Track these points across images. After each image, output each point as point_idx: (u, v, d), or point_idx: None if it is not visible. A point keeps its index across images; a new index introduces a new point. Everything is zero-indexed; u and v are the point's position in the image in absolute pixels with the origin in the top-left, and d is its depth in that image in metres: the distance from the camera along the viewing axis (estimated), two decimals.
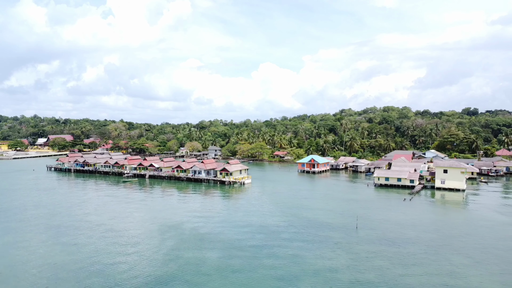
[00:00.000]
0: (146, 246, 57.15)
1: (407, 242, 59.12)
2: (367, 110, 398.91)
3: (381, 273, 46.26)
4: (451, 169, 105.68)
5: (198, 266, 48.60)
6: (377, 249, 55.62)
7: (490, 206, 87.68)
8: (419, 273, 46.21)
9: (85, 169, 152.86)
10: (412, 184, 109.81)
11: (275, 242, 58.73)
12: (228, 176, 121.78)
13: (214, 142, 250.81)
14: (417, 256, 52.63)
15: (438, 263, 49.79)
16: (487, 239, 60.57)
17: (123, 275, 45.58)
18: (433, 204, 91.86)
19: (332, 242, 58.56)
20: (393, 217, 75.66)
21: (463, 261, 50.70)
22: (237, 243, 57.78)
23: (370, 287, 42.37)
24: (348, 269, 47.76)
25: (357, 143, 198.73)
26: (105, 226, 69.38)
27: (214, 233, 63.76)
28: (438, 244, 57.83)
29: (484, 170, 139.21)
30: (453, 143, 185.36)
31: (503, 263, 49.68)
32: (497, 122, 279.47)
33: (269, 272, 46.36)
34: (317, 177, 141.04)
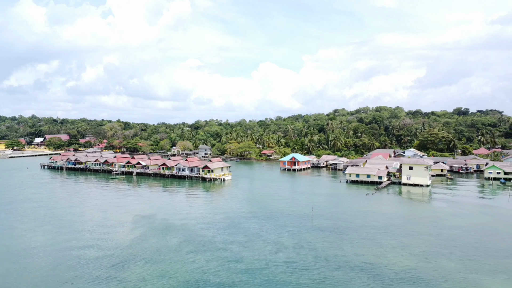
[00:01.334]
0: (117, 232, 64.17)
1: (352, 229, 66.09)
2: (360, 110, 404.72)
3: (316, 254, 53.17)
4: (416, 166, 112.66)
5: (158, 248, 55.58)
6: (322, 235, 62.59)
7: (443, 199, 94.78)
8: (350, 254, 53.08)
9: (77, 167, 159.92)
10: (380, 180, 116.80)
11: (233, 230, 65.71)
12: (209, 173, 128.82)
13: (205, 142, 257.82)
14: (355, 240, 59.55)
15: (371, 246, 56.67)
16: (424, 227, 67.51)
17: (91, 255, 52.51)
18: (392, 197, 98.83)
19: (285, 230, 65.50)
20: (350, 209, 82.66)
21: (393, 244, 57.56)
22: (199, 231, 64.74)
23: (302, 264, 49.22)
24: (288, 250, 54.69)
25: (341, 142, 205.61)
26: (86, 216, 76.48)
27: (181, 223, 70.70)
28: (379, 231, 64.77)
29: (455, 167, 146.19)
30: (433, 142, 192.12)
31: (427, 246, 56.56)
32: (482, 122, 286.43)
33: (219, 254, 53.25)
34: (297, 175, 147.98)
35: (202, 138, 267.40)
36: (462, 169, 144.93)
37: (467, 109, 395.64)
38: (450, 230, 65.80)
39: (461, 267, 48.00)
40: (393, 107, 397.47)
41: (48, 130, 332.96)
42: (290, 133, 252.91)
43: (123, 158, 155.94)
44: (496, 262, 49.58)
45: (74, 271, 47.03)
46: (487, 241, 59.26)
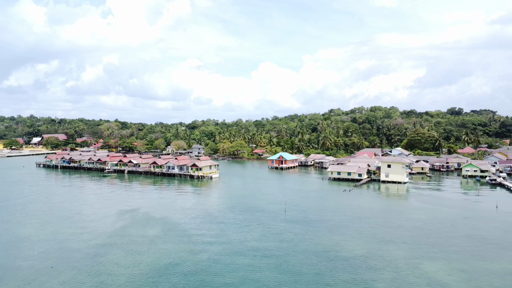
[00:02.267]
0: (101, 224, 68.98)
1: (320, 221, 70.83)
2: (355, 110, 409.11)
3: (280, 243, 57.85)
4: (394, 164, 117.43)
5: (135, 238, 60.36)
6: (290, 226, 67.36)
7: (415, 195, 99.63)
8: (309, 244, 57.73)
9: (71, 165, 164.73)
10: (360, 177, 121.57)
11: (209, 223, 70.47)
12: (197, 171, 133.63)
13: (200, 141, 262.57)
14: (320, 231, 64.27)
15: (332, 236, 61.40)
16: (388, 220, 72.27)
17: (73, 243, 57.28)
18: (367, 193, 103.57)
19: (256, 223, 70.25)
20: (324, 204, 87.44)
21: (353, 235, 62.27)
22: (176, 224, 69.51)
23: (264, 252, 53.90)
24: (255, 239, 59.46)
25: (330, 141, 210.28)
26: (74, 211, 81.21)
27: (162, 216, 75.49)
28: (344, 223, 69.51)
29: (436, 166, 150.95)
30: (420, 141, 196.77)
31: (384, 236, 61.24)
32: (473, 122, 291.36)
33: (190, 243, 57.93)
34: (284, 173, 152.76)
35: (196, 138, 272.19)
36: (443, 167, 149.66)
37: (461, 109, 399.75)
38: (411, 222, 70.55)
39: (408, 254, 52.72)
40: (388, 107, 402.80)
41: (46, 130, 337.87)
42: (283, 132, 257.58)
43: (115, 156, 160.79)
44: (440, 250, 54.32)
45: (55, 257, 51.79)
46: (440, 232, 63.96)
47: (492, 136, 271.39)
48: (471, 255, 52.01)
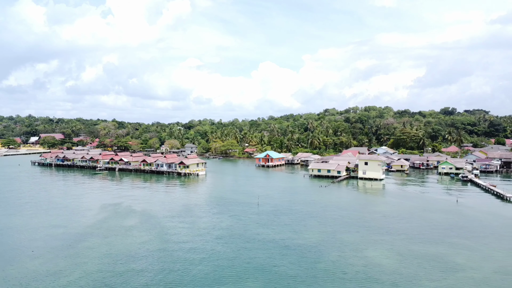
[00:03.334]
0: (84, 216, 74.40)
1: (287, 214, 76.14)
2: (349, 110, 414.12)
3: (244, 231, 63.21)
4: (371, 162, 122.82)
5: (113, 227, 65.75)
6: (258, 218, 72.73)
7: (386, 190, 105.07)
8: (270, 232, 63.00)
9: (64, 163, 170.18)
10: (338, 174, 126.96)
11: (183, 215, 75.80)
12: (185, 169, 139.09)
13: (193, 140, 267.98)
14: (284, 222, 69.50)
15: (293, 226, 66.67)
16: (351, 212, 77.57)
17: (56, 232, 62.69)
18: (342, 189, 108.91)
19: (228, 215, 75.62)
20: (297, 199, 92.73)
21: (314, 225, 67.50)
22: (153, 216, 74.81)
23: (227, 239, 59.23)
24: (221, 229, 64.82)
25: (318, 141, 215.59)
26: (62, 204, 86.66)
27: (142, 210, 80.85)
28: (309, 216, 74.82)
29: (417, 164, 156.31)
30: (405, 140, 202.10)
31: (341, 227, 66.62)
32: (462, 121, 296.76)
33: (162, 232, 63.29)
34: (270, 170, 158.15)
35: (190, 137, 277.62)
36: (423, 165, 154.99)
37: (454, 109, 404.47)
38: (371, 214, 75.96)
39: (357, 241, 58.09)
40: (383, 107, 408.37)
41: (43, 129, 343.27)
42: (274, 132, 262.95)
43: (107, 155, 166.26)
44: (388, 237, 59.74)
45: (38, 243, 57.21)
46: (395, 222, 69.35)
47: (481, 135, 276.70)
48: (413, 242, 57.38)
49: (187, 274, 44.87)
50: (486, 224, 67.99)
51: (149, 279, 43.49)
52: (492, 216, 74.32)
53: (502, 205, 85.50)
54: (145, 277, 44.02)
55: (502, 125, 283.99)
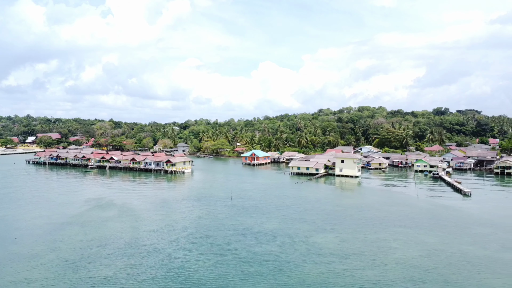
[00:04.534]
0: (68, 208, 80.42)
1: (257, 206, 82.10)
2: (343, 110, 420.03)
3: (212, 221, 69.20)
4: (347, 160, 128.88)
5: (93, 218, 71.80)
6: (228, 210, 78.73)
7: (359, 187, 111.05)
8: (234, 223, 68.97)
9: (58, 162, 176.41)
10: (317, 172, 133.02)
11: (159, 208, 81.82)
12: (171, 167, 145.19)
13: (186, 140, 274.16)
14: (251, 213, 75.48)
15: (258, 217, 72.61)
16: (316, 205, 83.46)
17: (40, 222, 68.77)
18: (316, 185, 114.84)
19: (200, 208, 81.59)
20: (270, 194, 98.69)
21: (277, 216, 73.35)
22: (131, 209, 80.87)
23: (193, 229, 65.26)
24: (191, 220, 70.84)
25: (305, 140, 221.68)
26: (49, 198, 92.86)
27: (122, 203, 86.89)
28: (276, 208, 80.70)
29: (396, 162, 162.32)
30: (389, 139, 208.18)
31: (301, 217, 72.52)
32: (450, 121, 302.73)
33: (134, 223, 69.36)
34: (256, 168, 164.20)
35: (183, 137, 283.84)
36: (401, 164, 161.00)
37: (447, 109, 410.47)
38: (333, 207, 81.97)
39: (309, 229, 64.08)
40: (376, 107, 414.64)
41: (40, 129, 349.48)
42: (265, 131, 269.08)
43: (99, 154, 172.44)
44: (339, 227, 65.76)
45: (21, 231, 63.30)
46: (352, 214, 75.34)
47: (469, 135, 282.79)
48: (359, 230, 63.39)
49: (147, 257, 50.89)
50: (434, 215, 73.96)
51: (111, 261, 49.48)
52: (444, 209, 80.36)
53: (459, 199, 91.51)
54: (109, 259, 49.96)
55: (490, 125, 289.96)
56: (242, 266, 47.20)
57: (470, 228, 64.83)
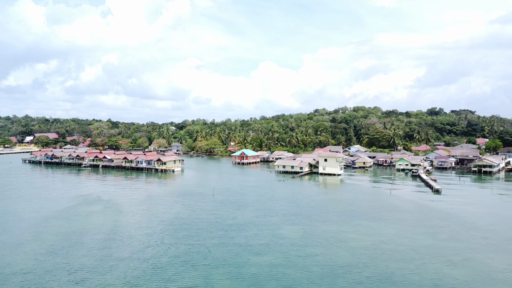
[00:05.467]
0: (56, 203, 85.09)
1: (234, 202, 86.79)
2: (338, 110, 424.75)
3: (186, 217, 73.88)
4: (330, 158, 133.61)
5: (78, 212, 76.55)
6: (206, 205, 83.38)
7: (338, 184, 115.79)
8: (211, 216, 73.65)
9: (53, 161, 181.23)
10: (301, 170, 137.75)
11: (143, 203, 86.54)
12: (162, 165, 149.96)
13: (181, 140, 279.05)
14: (226, 208, 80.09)
15: (233, 211, 77.22)
16: (290, 201, 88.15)
17: (28, 215, 73.48)
18: (298, 182, 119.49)
19: (182, 203, 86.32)
20: (252, 190, 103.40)
21: (251, 210, 77.97)
22: (116, 204, 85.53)
23: (170, 222, 69.96)
24: (171, 214, 75.46)
25: (296, 140, 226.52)
26: (40, 193, 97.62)
27: (109, 199, 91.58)
28: (253, 204, 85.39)
29: (380, 161, 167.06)
30: (378, 139, 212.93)
31: (274, 210, 77.15)
32: (442, 121, 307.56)
33: (117, 216, 74.08)
34: (245, 167, 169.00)
35: (178, 136, 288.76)
36: (386, 163, 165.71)
37: (441, 109, 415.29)
38: (308, 202, 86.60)
39: (279, 221, 68.73)
40: (372, 107, 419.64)
41: (38, 129, 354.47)
42: (258, 131, 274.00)
43: (92, 153, 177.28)
44: (307, 219, 70.44)
45: (9, 224, 68.06)
46: (323, 208, 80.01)
47: (459, 134, 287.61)
48: (324, 223, 68.09)
49: (122, 246, 55.60)
50: (399, 210, 78.66)
51: (88, 250, 54.18)
52: (411, 204, 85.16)
53: (429, 195, 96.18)
54: (86, 248, 54.62)
55: (480, 125, 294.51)
56: (207, 254, 51.87)
57: (428, 221, 69.53)
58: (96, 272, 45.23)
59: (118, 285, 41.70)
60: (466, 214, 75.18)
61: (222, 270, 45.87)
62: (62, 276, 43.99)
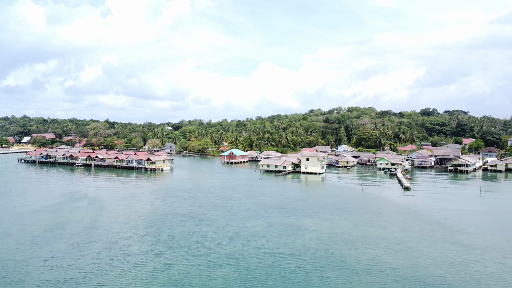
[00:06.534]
0: (45, 200, 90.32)
1: (213, 198, 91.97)
2: (332, 111, 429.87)
3: (165, 210, 79.16)
4: (311, 158, 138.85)
5: (63, 208, 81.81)
6: (185, 201, 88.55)
7: (318, 182, 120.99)
8: (186, 211, 78.92)
9: (47, 160, 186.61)
10: (284, 169, 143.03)
11: (125, 200, 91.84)
12: (151, 164, 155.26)
13: (174, 140, 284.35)
14: (203, 204, 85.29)
15: (208, 207, 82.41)
16: (265, 197, 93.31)
17: (18, 210, 78.83)
18: (279, 181, 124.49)
19: (161, 200, 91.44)
20: (232, 188, 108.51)
21: (225, 206, 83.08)
22: (100, 201, 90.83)
23: (147, 216, 75.15)
24: (150, 209, 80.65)
25: (285, 140, 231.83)
26: (31, 190, 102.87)
27: (94, 196, 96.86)
28: (229, 200, 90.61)
29: (364, 160, 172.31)
30: (365, 139, 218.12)
31: (245, 207, 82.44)
32: (432, 122, 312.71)
33: (99, 211, 79.35)
34: (233, 166, 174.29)
35: (173, 137, 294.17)
36: (369, 162, 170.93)
37: (434, 109, 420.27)
38: (281, 199, 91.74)
39: (245, 216, 73.82)
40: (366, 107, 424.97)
41: (36, 129, 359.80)
42: (250, 132, 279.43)
43: (85, 152, 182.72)
44: (270, 213, 75.67)
45: None
46: (291, 203, 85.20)
47: (449, 135, 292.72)
48: (289, 216, 73.29)
49: (97, 236, 60.89)
50: (364, 205, 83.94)
51: (67, 240, 59.48)
52: (378, 200, 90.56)
53: (398, 192, 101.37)
54: (65, 238, 59.95)
55: (469, 125, 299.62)
56: (173, 243, 57.13)
57: (387, 215, 74.77)
58: (70, 258, 50.56)
59: (87, 269, 46.98)
60: (425, 209, 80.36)
61: (182, 257, 51.12)
62: (38, 262, 49.30)
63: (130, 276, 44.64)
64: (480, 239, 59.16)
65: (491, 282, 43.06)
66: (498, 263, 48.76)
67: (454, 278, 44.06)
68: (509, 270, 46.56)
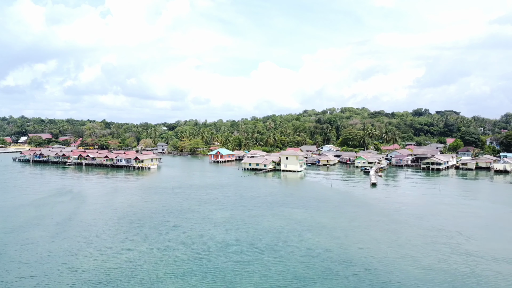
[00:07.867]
0: (32, 195, 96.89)
1: (188, 193, 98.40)
2: (326, 111, 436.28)
3: (141, 204, 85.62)
4: (290, 157, 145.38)
5: (47, 202, 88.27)
6: (163, 197, 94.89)
7: (294, 179, 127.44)
8: (161, 205, 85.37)
9: (41, 159, 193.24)
10: (265, 167, 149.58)
11: (107, 195, 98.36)
12: (139, 163, 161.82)
13: (167, 140, 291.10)
14: (179, 198, 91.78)
15: (183, 201, 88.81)
16: (239, 192, 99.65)
17: (7, 204, 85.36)
18: (257, 178, 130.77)
19: (140, 195, 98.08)
20: (210, 184, 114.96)
21: (199, 200, 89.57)
22: (83, 196, 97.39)
23: (126, 209, 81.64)
24: (127, 204, 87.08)
25: (272, 140, 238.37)
26: (19, 187, 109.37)
27: (78, 191, 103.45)
28: (203, 195, 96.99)
29: (344, 159, 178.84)
30: (350, 139, 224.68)
31: (219, 200, 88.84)
32: (420, 122, 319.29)
33: (81, 205, 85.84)
34: (220, 165, 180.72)
35: (165, 137, 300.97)
36: (349, 161, 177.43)
37: (426, 110, 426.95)
38: (251, 194, 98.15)
39: (215, 208, 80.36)
40: (360, 108, 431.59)
41: (33, 129, 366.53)
42: (241, 132, 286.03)
43: (77, 152, 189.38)
44: (238, 208, 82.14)
45: None
46: (261, 198, 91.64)
47: (436, 135, 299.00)
48: (252, 210, 79.73)
49: (73, 227, 67.43)
50: (326, 199, 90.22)
51: (44, 229, 66.02)
52: (341, 194, 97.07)
53: (365, 188, 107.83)
54: (43, 228, 66.52)
55: (456, 125, 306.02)
56: (138, 232, 63.58)
57: (343, 208, 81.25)
58: (43, 243, 57.10)
59: (57, 252, 53.49)
60: (381, 203, 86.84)
61: (143, 243, 57.58)
62: (15, 247, 55.83)
63: (93, 257, 51.16)
64: (414, 227, 65.74)
65: (405, 262, 49.57)
66: (419, 246, 55.30)
67: (375, 258, 50.55)
68: (426, 252, 53.05)
